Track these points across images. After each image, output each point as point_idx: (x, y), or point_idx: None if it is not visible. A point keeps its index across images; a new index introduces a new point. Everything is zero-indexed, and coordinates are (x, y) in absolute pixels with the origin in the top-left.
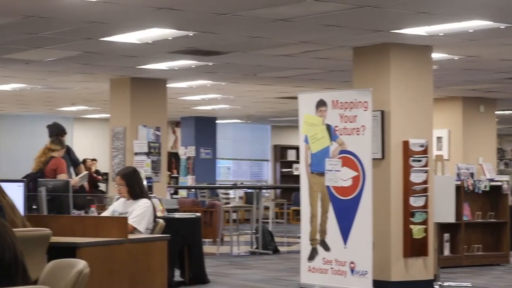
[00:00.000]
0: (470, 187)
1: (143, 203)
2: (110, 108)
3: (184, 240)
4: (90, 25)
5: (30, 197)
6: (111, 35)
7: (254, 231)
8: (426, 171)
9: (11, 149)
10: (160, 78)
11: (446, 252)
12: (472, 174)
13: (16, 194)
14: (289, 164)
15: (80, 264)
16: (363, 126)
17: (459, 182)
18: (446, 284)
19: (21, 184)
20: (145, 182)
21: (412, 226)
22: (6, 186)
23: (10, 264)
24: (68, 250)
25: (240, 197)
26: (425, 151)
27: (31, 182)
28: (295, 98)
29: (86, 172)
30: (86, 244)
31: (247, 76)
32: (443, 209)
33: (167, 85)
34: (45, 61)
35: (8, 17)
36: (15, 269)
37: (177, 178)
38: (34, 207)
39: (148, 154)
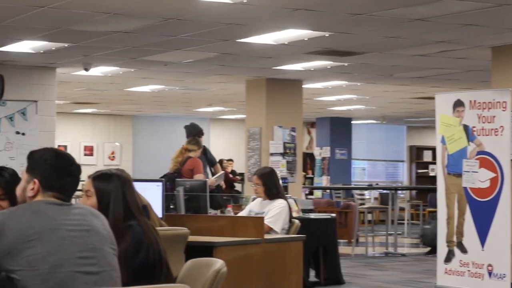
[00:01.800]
0: None
1: (279, 203)
2: (246, 109)
3: (319, 240)
4: (227, 27)
5: (168, 197)
6: (247, 37)
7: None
8: None
9: (149, 150)
10: (296, 79)
11: None
12: None
13: (154, 194)
14: (425, 165)
15: (218, 263)
16: (501, 126)
17: None
18: None
19: (160, 184)
20: (280, 182)
21: None
22: (145, 186)
23: (155, 263)
24: (206, 249)
25: (375, 198)
26: None
27: (168, 182)
28: (432, 98)
29: (223, 172)
30: (223, 243)
31: (383, 77)
32: None
33: (302, 86)
34: (182, 63)
35: (148, 19)
36: (159, 267)
37: (312, 178)
38: (171, 206)
39: (283, 154)
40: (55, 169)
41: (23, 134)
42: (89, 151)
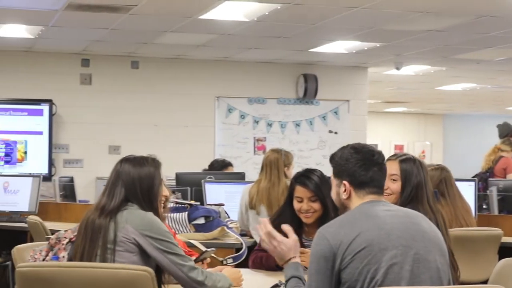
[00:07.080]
0: None
1: None
2: None
3: None
4: None
5: (480, 197)
6: None
7: None
8: None
9: (460, 149)
10: None
11: None
12: None
13: (467, 193)
14: None
15: None
16: None
17: None
18: None
19: (472, 183)
20: None
21: None
22: (457, 185)
23: None
24: None
25: None
26: None
27: (480, 182)
28: None
29: None
30: None
31: None
32: None
33: None
34: (495, 61)
35: (460, 17)
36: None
37: None
38: (484, 207)
39: None
40: (358, 164)
41: (336, 133)
42: (399, 150)
